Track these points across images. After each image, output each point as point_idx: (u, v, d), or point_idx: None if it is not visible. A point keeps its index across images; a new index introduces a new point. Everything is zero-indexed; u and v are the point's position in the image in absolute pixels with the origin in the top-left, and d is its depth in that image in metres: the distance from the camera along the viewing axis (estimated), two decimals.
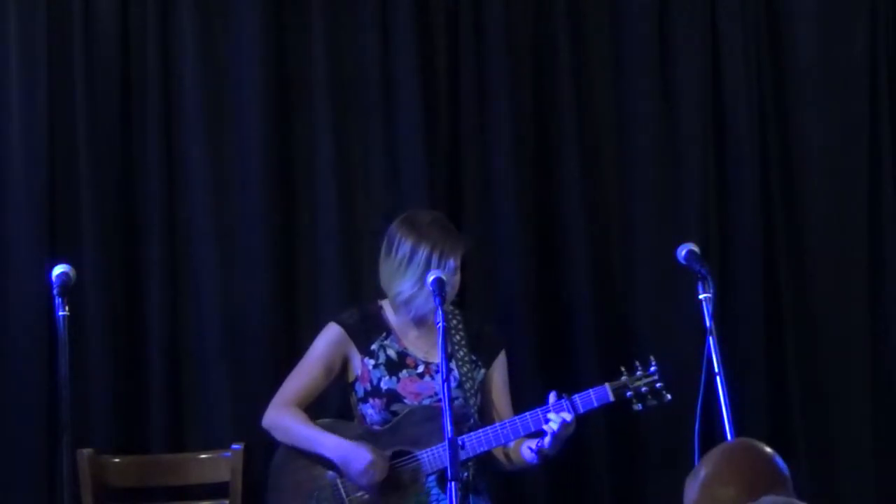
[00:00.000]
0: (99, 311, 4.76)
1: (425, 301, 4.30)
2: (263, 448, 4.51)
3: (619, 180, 5.04)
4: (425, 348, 4.41)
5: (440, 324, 3.94)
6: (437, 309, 4.01)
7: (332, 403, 4.59)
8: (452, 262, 4.30)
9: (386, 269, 4.38)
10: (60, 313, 4.05)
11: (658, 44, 5.04)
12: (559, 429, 4.15)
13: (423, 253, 4.30)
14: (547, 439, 4.18)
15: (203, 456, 4.59)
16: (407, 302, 4.36)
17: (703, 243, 4.61)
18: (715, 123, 5.05)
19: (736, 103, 5.05)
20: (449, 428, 3.77)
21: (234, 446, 4.51)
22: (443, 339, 3.89)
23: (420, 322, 4.41)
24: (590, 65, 5.02)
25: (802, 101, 5.10)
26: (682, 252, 4.31)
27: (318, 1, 4.89)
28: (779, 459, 2.73)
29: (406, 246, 4.33)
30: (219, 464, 4.52)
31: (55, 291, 4.09)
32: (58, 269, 4.15)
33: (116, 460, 4.56)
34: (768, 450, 2.75)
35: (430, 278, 4.15)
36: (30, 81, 4.79)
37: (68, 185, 4.80)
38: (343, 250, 4.87)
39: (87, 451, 4.45)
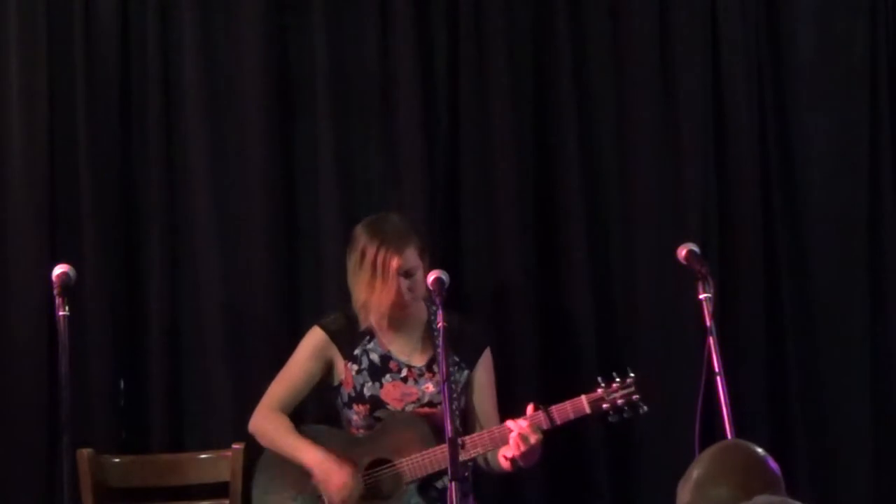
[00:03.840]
0: (99, 311, 4.75)
1: (377, 306, 4.33)
2: (264, 448, 4.48)
3: (619, 180, 5.03)
4: (408, 351, 4.41)
5: (440, 324, 3.93)
6: (437, 309, 4.02)
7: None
8: (396, 263, 4.29)
9: (348, 272, 4.43)
10: (61, 313, 4.05)
11: (658, 43, 5.02)
12: (523, 442, 4.13)
13: (369, 255, 4.33)
14: (511, 451, 4.16)
15: (203, 456, 4.58)
16: (363, 307, 4.38)
17: (703, 243, 4.61)
18: (715, 123, 5.04)
19: (736, 103, 5.04)
20: (449, 427, 3.77)
21: (235, 446, 4.50)
22: (443, 340, 3.89)
23: (401, 324, 4.40)
24: (590, 64, 5.01)
25: (803, 101, 5.10)
26: (682, 252, 4.30)
27: (318, 1, 4.89)
28: (771, 460, 2.72)
29: (357, 248, 4.37)
30: (219, 464, 4.51)
31: (55, 291, 4.10)
32: (58, 269, 4.16)
33: (116, 460, 4.55)
34: (760, 450, 2.74)
35: (431, 278, 4.16)
36: (30, 81, 4.78)
37: (69, 185, 4.78)
38: (343, 250, 4.71)
39: (86, 451, 4.44)
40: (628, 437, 4.88)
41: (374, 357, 4.41)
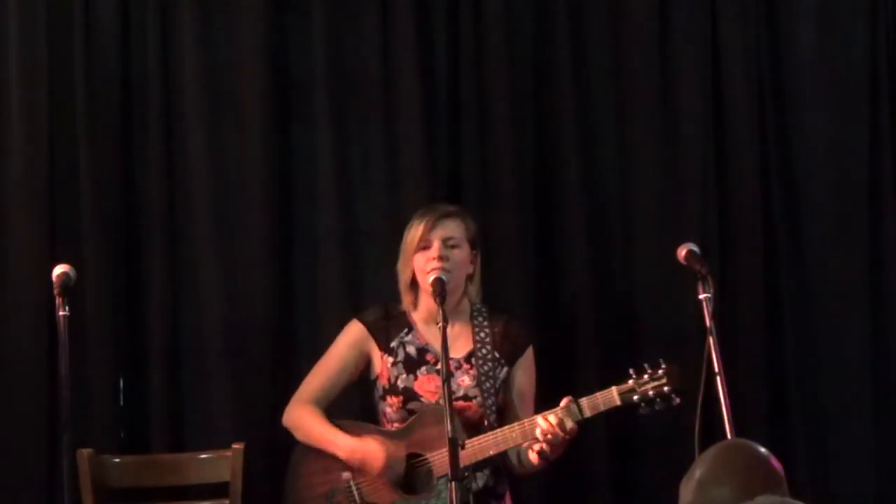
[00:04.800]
0: (99, 311, 4.74)
1: (407, 280, 4.38)
2: (264, 448, 4.52)
3: (619, 180, 5.03)
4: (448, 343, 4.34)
5: (440, 323, 3.93)
6: (438, 308, 4.01)
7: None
8: (422, 229, 4.33)
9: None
10: (61, 313, 4.05)
11: (658, 43, 5.03)
12: (555, 434, 4.12)
13: (407, 230, 4.39)
14: (544, 444, 4.15)
15: (203, 456, 4.56)
16: (399, 276, 4.40)
17: (703, 243, 4.60)
18: (715, 123, 5.04)
19: (736, 103, 5.04)
20: (449, 427, 3.74)
21: (234, 446, 4.48)
22: (443, 339, 3.87)
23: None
24: (590, 64, 5.01)
25: (803, 101, 5.09)
26: (682, 252, 4.31)
27: (318, 1, 4.88)
28: (773, 460, 2.72)
29: (407, 228, 4.43)
30: (219, 464, 4.49)
31: (55, 291, 4.10)
32: (58, 269, 4.16)
33: (116, 460, 4.54)
34: (763, 450, 2.75)
35: (431, 278, 4.18)
36: (30, 82, 4.77)
37: (69, 185, 4.78)
38: (343, 249, 4.86)
39: (86, 451, 4.42)
40: (628, 437, 4.87)
41: (411, 350, 4.40)
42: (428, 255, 4.34)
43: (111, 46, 4.82)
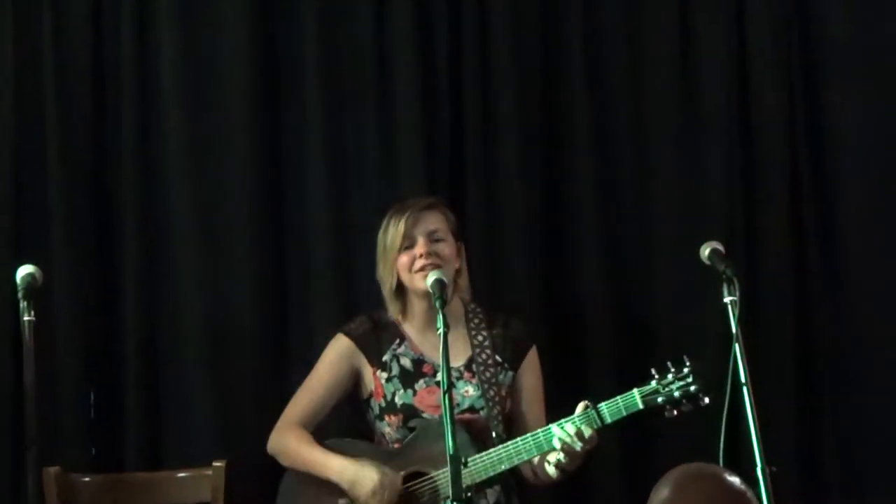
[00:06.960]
0: (69, 315, 4.65)
1: (392, 286, 4.25)
2: (248, 466, 4.40)
3: (636, 172, 4.92)
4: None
5: (440, 329, 3.74)
6: (438, 312, 3.82)
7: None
8: (403, 226, 4.21)
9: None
10: (26, 318, 3.96)
11: (680, 24, 4.94)
12: (573, 444, 3.98)
13: (383, 227, 4.27)
14: (561, 456, 4.01)
15: (182, 474, 4.45)
16: (383, 284, 4.28)
17: (728, 241, 4.44)
18: (740, 109, 4.93)
19: (763, 88, 4.93)
20: (450, 444, 3.59)
21: (216, 464, 4.36)
22: (444, 344, 3.69)
23: (433, 322, 4.14)
24: (604, 44, 4.93)
25: (834, 85, 4.98)
26: (705, 251, 4.19)
27: None
28: (730, 476, 2.69)
29: (381, 230, 4.31)
30: (199, 482, 4.39)
31: (20, 294, 4.00)
32: (22, 270, 4.07)
33: (86, 479, 4.43)
34: (717, 470, 2.74)
35: (431, 279, 4.01)
36: None
37: (36, 181, 4.69)
38: (336, 249, 4.76)
39: (54, 470, 4.31)
40: (645, 453, 4.75)
41: (406, 362, 4.29)
42: (413, 253, 4.22)
43: (82, 29, 4.74)
